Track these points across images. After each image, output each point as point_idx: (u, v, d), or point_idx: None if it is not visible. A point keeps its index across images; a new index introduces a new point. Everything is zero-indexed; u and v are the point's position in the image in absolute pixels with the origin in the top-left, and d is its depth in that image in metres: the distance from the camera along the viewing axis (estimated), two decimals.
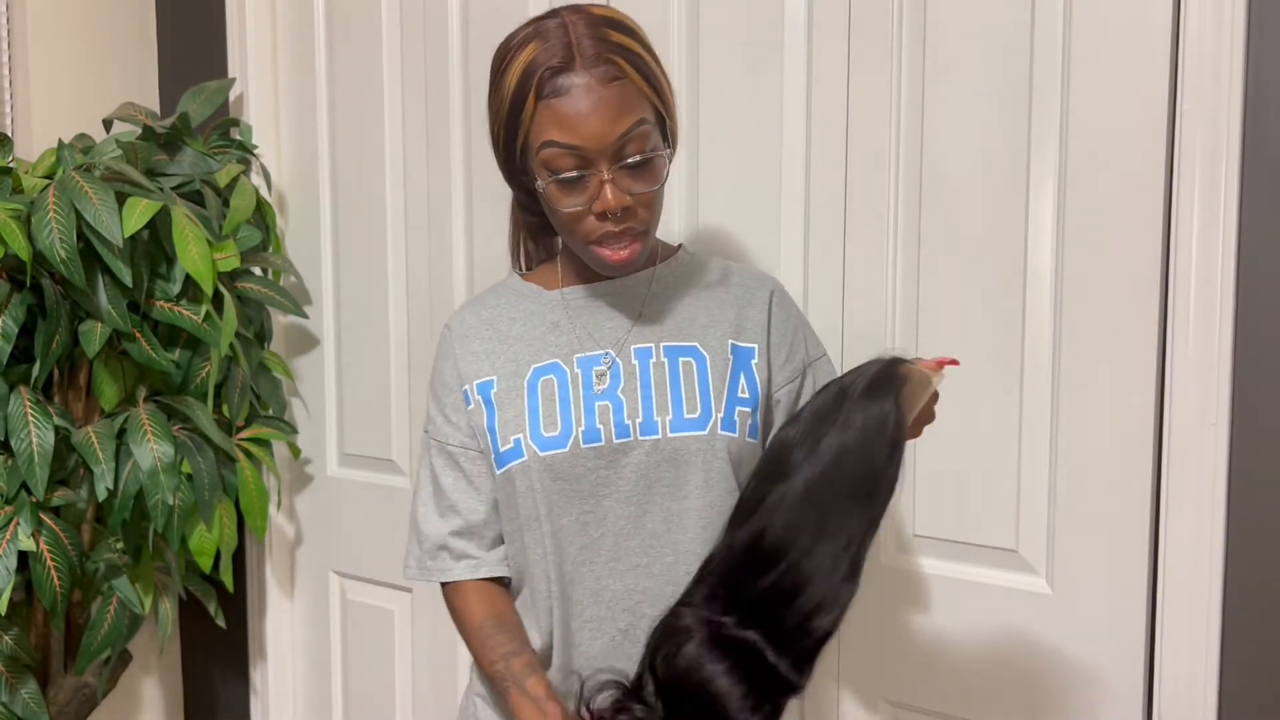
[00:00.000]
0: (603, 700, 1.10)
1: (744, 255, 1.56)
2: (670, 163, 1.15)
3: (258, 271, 1.97)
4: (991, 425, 1.41)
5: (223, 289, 1.79)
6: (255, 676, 2.17)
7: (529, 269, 1.31)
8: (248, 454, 1.92)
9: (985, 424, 1.41)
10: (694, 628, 1.07)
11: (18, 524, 1.64)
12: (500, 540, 1.27)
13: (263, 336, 2.01)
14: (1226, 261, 1.24)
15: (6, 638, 1.73)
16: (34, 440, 1.64)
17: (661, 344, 1.19)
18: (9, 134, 1.93)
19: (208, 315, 1.77)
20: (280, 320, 2.08)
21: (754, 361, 1.21)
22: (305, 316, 2.02)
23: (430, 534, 1.26)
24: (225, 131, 2.01)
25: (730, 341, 1.21)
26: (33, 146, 1.96)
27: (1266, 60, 1.22)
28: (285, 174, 2.07)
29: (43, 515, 1.67)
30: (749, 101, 1.55)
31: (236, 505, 1.91)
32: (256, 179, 2.03)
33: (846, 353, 1.50)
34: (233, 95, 2.05)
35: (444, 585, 1.27)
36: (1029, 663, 1.41)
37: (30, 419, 1.65)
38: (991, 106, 1.38)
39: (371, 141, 1.93)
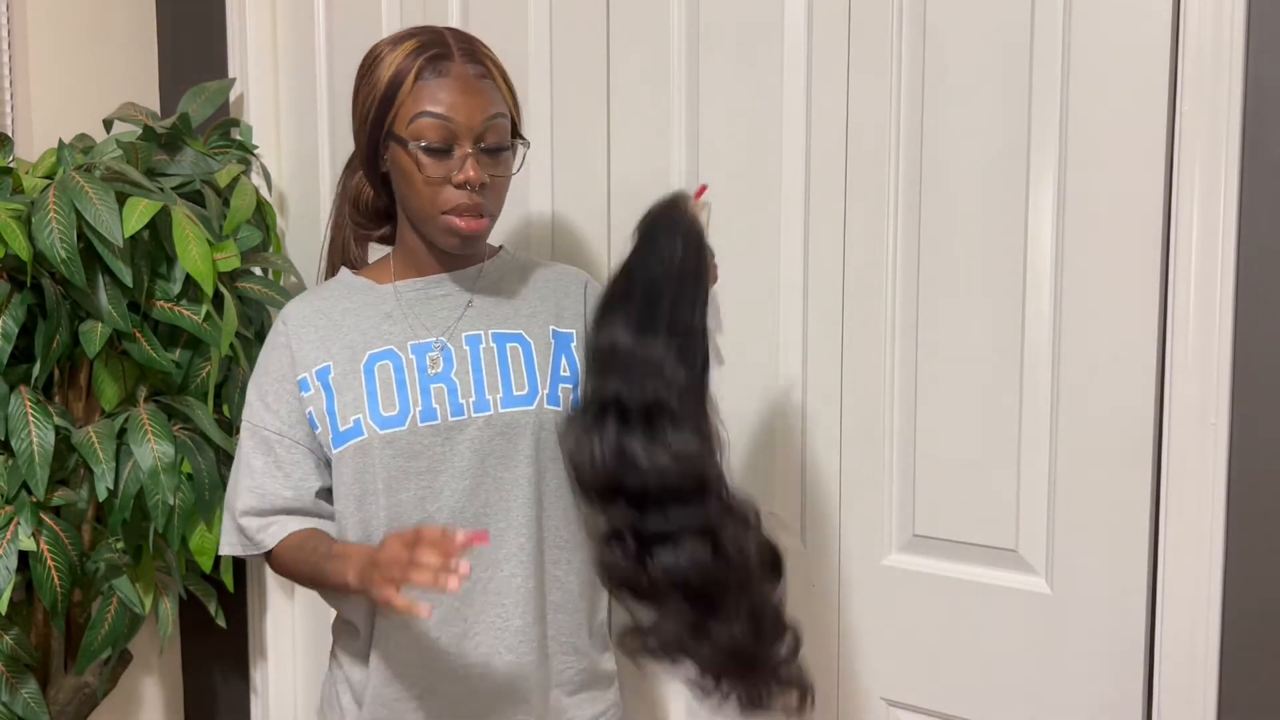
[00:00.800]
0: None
1: (743, 254, 1.56)
2: (521, 162, 1.33)
3: (258, 271, 1.97)
4: (991, 425, 1.41)
5: (223, 289, 1.79)
6: (255, 676, 2.17)
7: (338, 269, 1.43)
8: None
9: (985, 424, 1.41)
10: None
11: (18, 524, 1.64)
12: (304, 520, 1.34)
13: (263, 336, 2.01)
14: (1226, 261, 1.24)
15: (7, 637, 1.73)
16: (34, 440, 1.64)
17: (490, 331, 1.32)
18: (9, 134, 1.93)
19: (208, 315, 1.77)
20: None
21: (573, 345, 1.35)
22: None
23: (238, 509, 1.34)
24: (225, 132, 2.01)
25: (551, 328, 1.35)
26: (33, 146, 1.96)
27: (1266, 60, 1.22)
28: (285, 174, 2.07)
29: (43, 515, 1.67)
30: (749, 101, 1.55)
31: None
32: (257, 179, 2.03)
33: (846, 352, 1.50)
34: (233, 95, 2.05)
35: (266, 555, 1.35)
36: (1029, 663, 1.41)
37: (30, 419, 1.65)
38: (991, 106, 1.38)
39: None
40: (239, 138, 2.02)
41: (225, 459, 1.86)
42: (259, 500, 1.33)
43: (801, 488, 1.56)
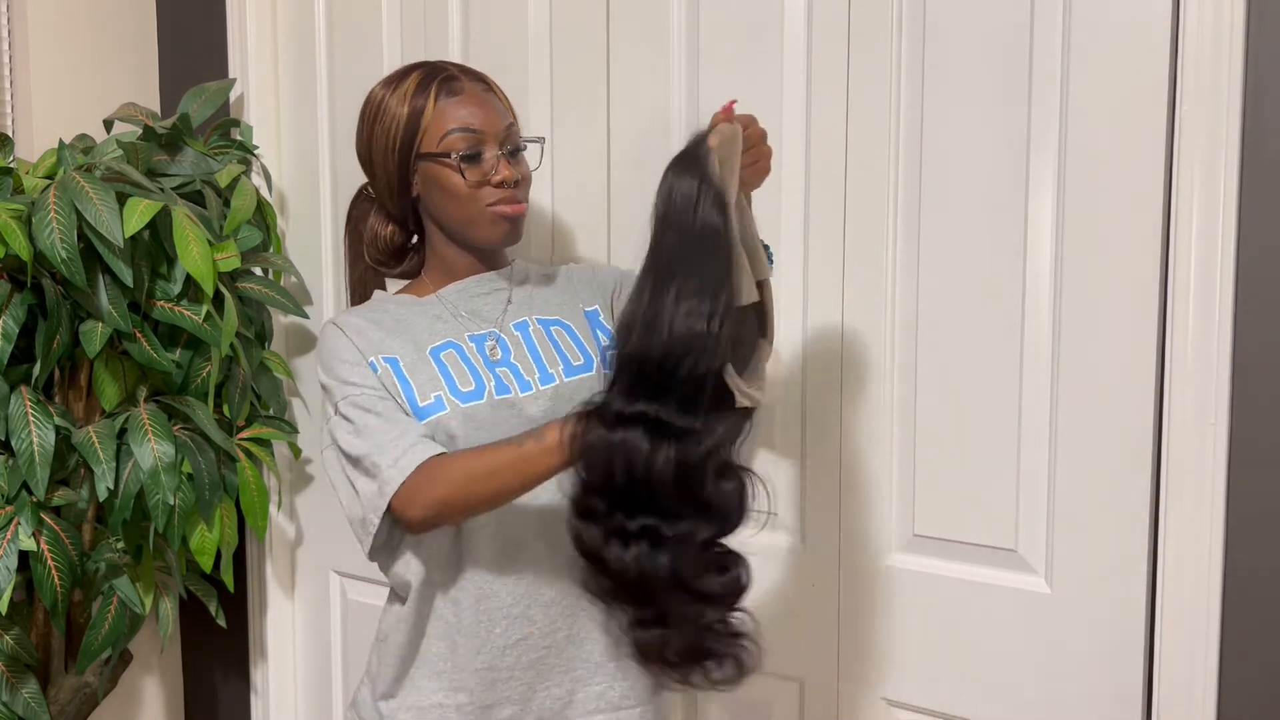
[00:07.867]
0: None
1: None
2: (540, 158, 1.46)
3: (258, 271, 1.97)
4: (991, 425, 1.41)
5: (223, 289, 1.79)
6: (256, 676, 2.17)
7: (364, 299, 1.48)
8: (248, 454, 1.92)
9: (985, 423, 1.41)
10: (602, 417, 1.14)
11: (18, 524, 1.64)
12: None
13: (263, 336, 2.01)
14: (1226, 261, 1.24)
15: (7, 637, 1.73)
16: (35, 440, 1.64)
17: (534, 317, 1.41)
18: (10, 134, 1.93)
19: (208, 315, 1.77)
20: (281, 320, 2.08)
21: (600, 316, 1.46)
22: (306, 316, 2.02)
23: (384, 465, 1.27)
24: (226, 132, 2.02)
25: (581, 308, 1.45)
26: (33, 147, 1.96)
27: (1266, 60, 1.22)
28: (286, 174, 2.07)
29: (43, 515, 1.68)
30: (749, 102, 1.54)
31: (237, 505, 1.91)
32: (257, 179, 2.03)
33: (846, 352, 1.50)
34: (233, 96, 2.05)
35: (393, 509, 1.26)
36: (1029, 663, 1.41)
37: (31, 419, 1.65)
38: (991, 106, 1.38)
39: None
40: (239, 138, 2.02)
41: (225, 459, 1.86)
42: (399, 437, 1.28)
43: (801, 488, 1.56)
